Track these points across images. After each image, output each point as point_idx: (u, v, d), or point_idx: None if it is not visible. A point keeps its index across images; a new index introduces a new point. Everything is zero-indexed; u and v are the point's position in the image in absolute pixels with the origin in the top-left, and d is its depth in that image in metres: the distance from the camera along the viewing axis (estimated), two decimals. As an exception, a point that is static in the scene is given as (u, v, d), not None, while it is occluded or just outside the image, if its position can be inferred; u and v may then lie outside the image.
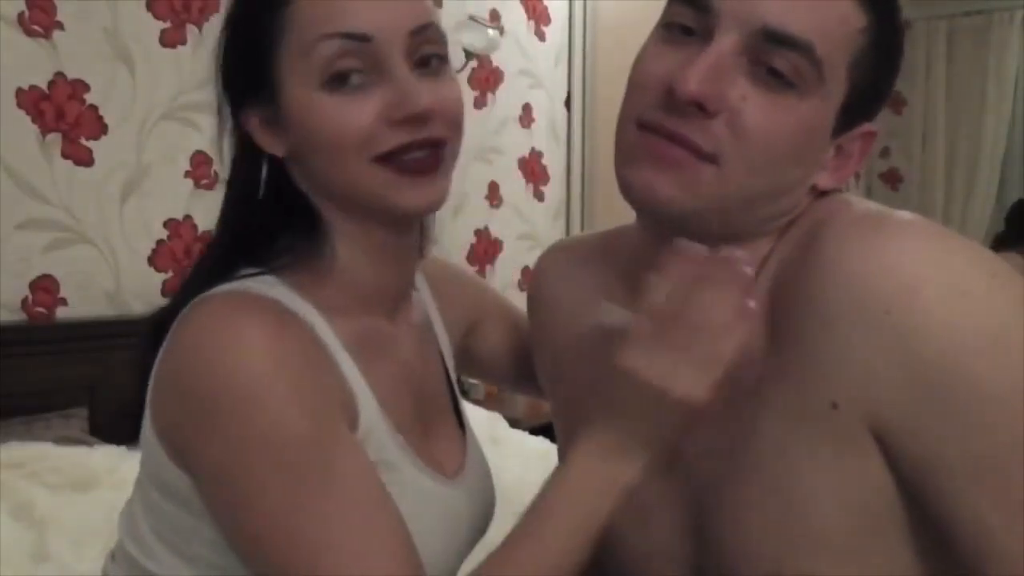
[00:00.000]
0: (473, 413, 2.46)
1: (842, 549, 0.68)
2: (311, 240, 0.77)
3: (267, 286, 0.74)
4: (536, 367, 0.94)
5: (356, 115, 0.72)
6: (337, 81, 0.72)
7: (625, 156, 0.71)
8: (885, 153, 5.29)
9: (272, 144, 0.77)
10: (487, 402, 2.81)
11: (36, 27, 2.05)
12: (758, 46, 0.66)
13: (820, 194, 0.73)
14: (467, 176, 3.17)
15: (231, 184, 0.81)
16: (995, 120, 4.88)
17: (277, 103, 0.75)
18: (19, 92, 2.02)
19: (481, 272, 3.24)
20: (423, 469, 0.79)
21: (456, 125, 0.79)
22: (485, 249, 3.25)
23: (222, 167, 0.81)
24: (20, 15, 2.03)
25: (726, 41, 0.66)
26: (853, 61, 0.68)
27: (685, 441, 0.75)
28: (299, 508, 0.66)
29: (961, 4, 4.91)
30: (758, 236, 0.73)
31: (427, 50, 0.75)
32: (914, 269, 0.63)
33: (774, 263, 0.72)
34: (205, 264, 0.79)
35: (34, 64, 2.04)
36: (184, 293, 0.76)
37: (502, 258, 3.31)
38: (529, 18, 3.38)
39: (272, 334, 0.68)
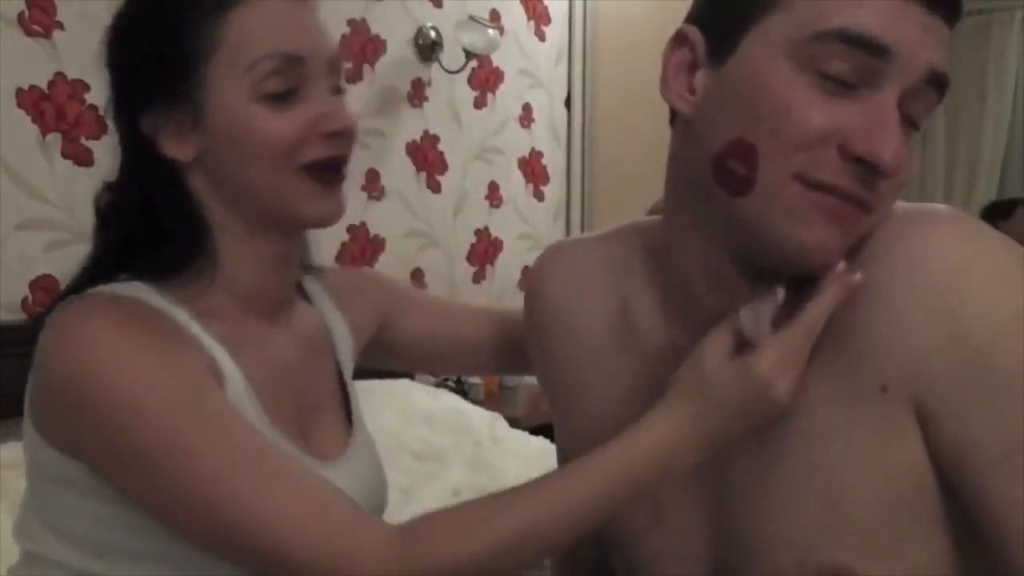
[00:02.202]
0: (473, 413, 2.47)
1: (876, 538, 0.69)
2: (195, 247, 0.81)
3: (132, 289, 0.78)
4: (538, 378, 0.93)
5: (287, 125, 0.79)
6: (273, 96, 0.78)
7: (791, 215, 0.65)
8: (885, 153, 5.27)
9: (177, 149, 0.80)
10: (487, 402, 2.81)
11: (36, 27, 2.05)
12: (916, 90, 0.65)
13: None
14: (467, 176, 3.17)
15: (121, 187, 0.83)
16: (995, 120, 4.88)
17: (195, 109, 0.79)
18: (19, 92, 2.02)
19: (481, 272, 3.24)
20: (294, 449, 0.82)
21: (352, 145, 0.85)
22: (485, 249, 3.25)
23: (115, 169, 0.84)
24: (20, 15, 2.03)
25: (894, 92, 0.64)
26: None
27: None
28: (190, 457, 0.70)
29: (961, 4, 4.90)
30: None
31: (336, 80, 0.84)
32: (963, 255, 0.65)
33: None
34: (93, 270, 0.82)
35: (34, 64, 2.04)
36: (63, 295, 0.80)
37: (502, 258, 3.31)
38: (529, 18, 3.37)
39: (123, 323, 0.73)
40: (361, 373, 1.04)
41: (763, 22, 0.66)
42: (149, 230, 0.81)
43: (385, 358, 1.09)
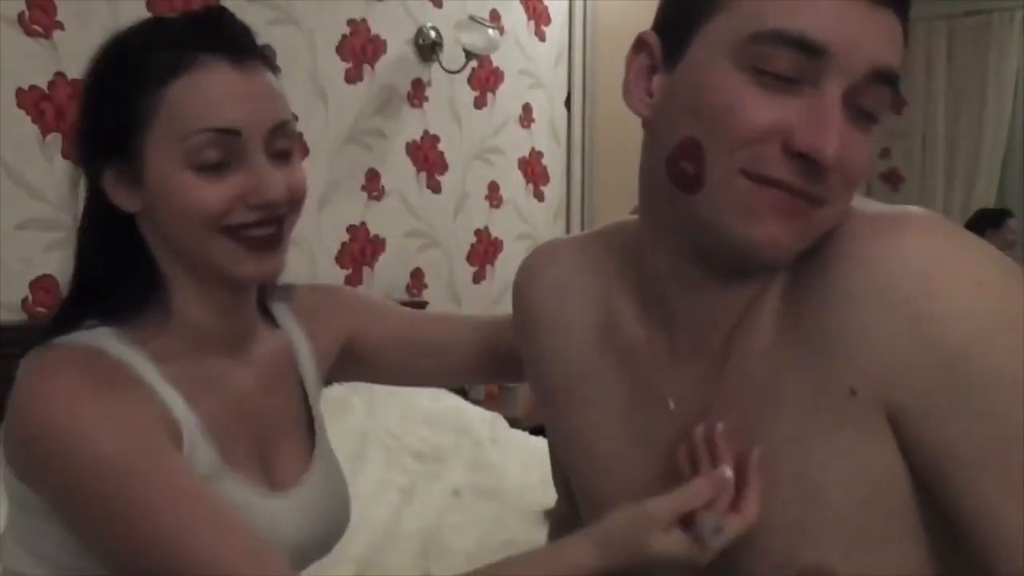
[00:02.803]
0: (473, 413, 2.47)
1: (854, 540, 0.69)
2: (147, 292, 0.87)
3: (97, 338, 0.83)
4: (528, 381, 0.93)
5: (216, 195, 0.82)
6: (204, 166, 0.82)
7: (739, 210, 0.66)
8: (885, 153, 5.29)
9: (125, 201, 0.85)
10: (487, 402, 2.81)
11: (36, 27, 2.05)
12: (860, 87, 0.65)
13: None
14: (467, 176, 3.17)
15: (84, 232, 0.88)
16: (995, 120, 4.89)
17: (136, 167, 0.83)
18: (19, 92, 2.02)
19: (481, 272, 3.25)
20: (244, 484, 0.87)
21: (299, 205, 0.88)
22: (485, 249, 3.25)
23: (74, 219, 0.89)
24: (20, 15, 2.03)
25: (836, 88, 0.64)
26: None
27: (690, 431, 0.75)
28: (138, 516, 0.75)
29: (961, 4, 4.91)
30: None
31: (281, 145, 0.86)
32: (932, 259, 0.64)
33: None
34: (60, 312, 0.88)
35: (34, 64, 2.04)
36: (43, 337, 0.85)
37: (502, 258, 3.31)
38: (529, 18, 3.38)
39: (83, 377, 0.78)
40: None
41: (708, 24, 0.68)
42: (109, 273, 0.86)
43: (357, 371, 1.11)
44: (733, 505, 0.70)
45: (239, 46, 0.84)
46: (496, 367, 1.07)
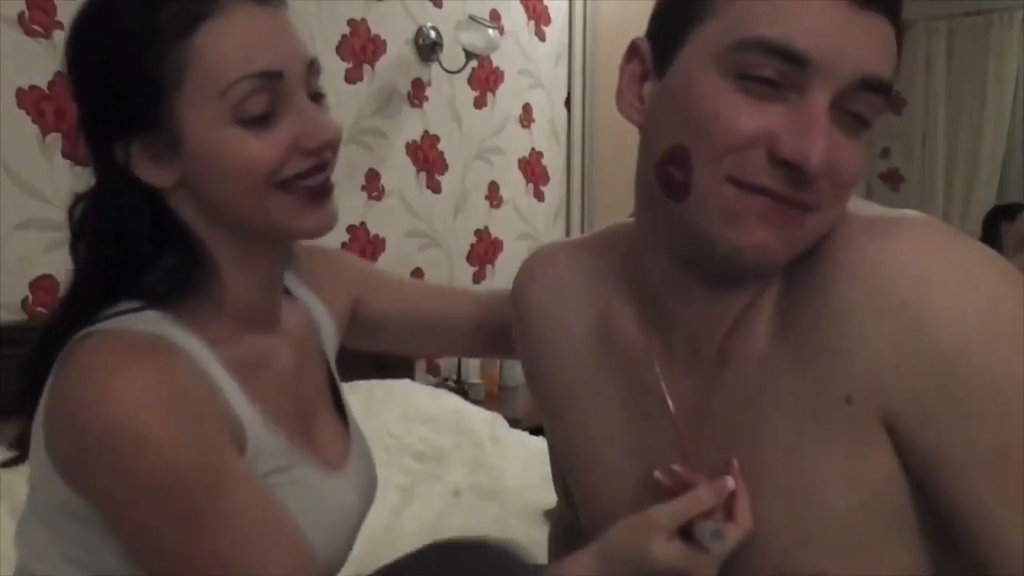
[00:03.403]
0: (473, 414, 2.47)
1: (852, 546, 0.69)
2: (193, 271, 0.79)
3: (151, 322, 0.76)
4: (528, 384, 0.93)
5: (270, 147, 0.76)
6: (251, 119, 0.75)
7: (725, 217, 0.66)
8: (885, 153, 5.29)
9: (156, 176, 0.77)
10: (487, 402, 2.81)
11: (36, 27, 2.05)
12: (849, 94, 0.65)
13: None
14: (467, 176, 3.17)
15: (100, 216, 0.80)
16: (995, 120, 4.88)
17: (170, 136, 0.75)
18: (19, 92, 2.01)
19: (481, 272, 3.25)
20: (313, 465, 0.85)
21: (337, 151, 0.83)
22: (485, 249, 3.25)
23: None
24: (20, 15, 2.02)
25: (823, 96, 0.64)
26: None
27: (693, 443, 0.75)
28: (192, 545, 0.72)
29: (961, 4, 4.91)
30: None
31: (315, 85, 0.81)
32: (927, 264, 0.64)
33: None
34: (83, 294, 0.80)
35: (34, 64, 2.04)
36: (68, 322, 0.77)
37: (502, 258, 3.31)
38: (529, 18, 3.37)
39: (157, 374, 0.71)
40: (362, 373, 1.05)
41: (696, 32, 0.68)
42: (131, 257, 0.79)
43: (361, 337, 1.07)
44: (728, 514, 0.70)
45: None
46: (497, 342, 1.05)
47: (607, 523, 0.80)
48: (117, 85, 0.76)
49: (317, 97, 0.81)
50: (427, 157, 3.02)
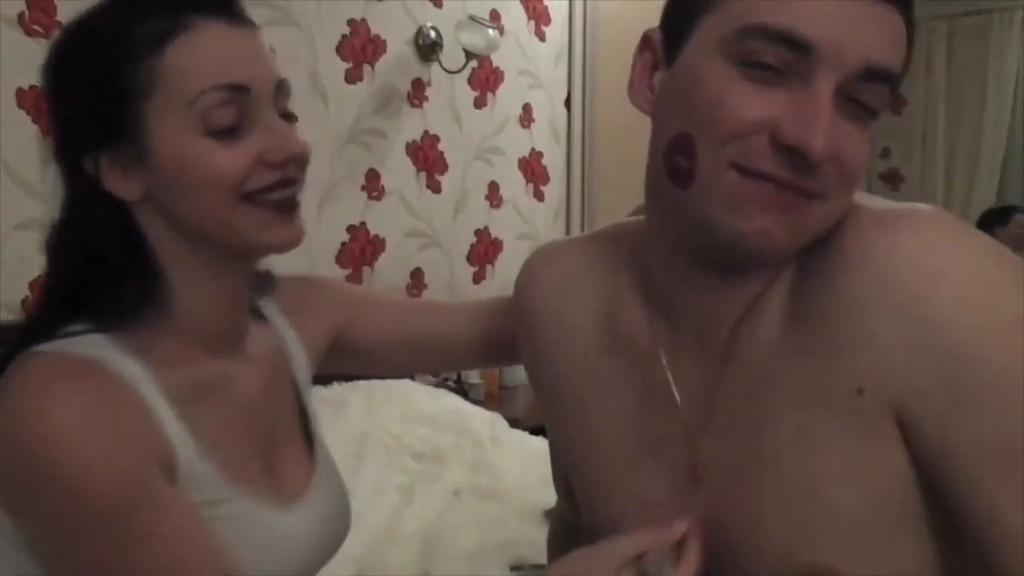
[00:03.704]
0: (473, 414, 2.47)
1: (858, 540, 0.68)
2: (145, 292, 0.79)
3: (92, 346, 0.75)
4: (530, 383, 0.93)
5: (236, 158, 0.77)
6: (218, 130, 0.76)
7: (729, 204, 0.66)
8: (885, 153, 5.29)
9: (124, 188, 0.78)
10: (487, 402, 2.81)
11: (36, 27, 2.05)
12: (853, 82, 0.65)
13: None
14: (467, 176, 3.17)
15: (65, 227, 0.81)
16: (995, 120, 4.88)
17: (138, 146, 0.77)
18: (19, 92, 2.02)
19: (481, 272, 3.24)
20: (256, 499, 0.82)
21: (305, 167, 0.84)
22: (485, 249, 3.25)
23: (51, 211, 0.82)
24: (20, 15, 2.03)
25: (827, 83, 0.64)
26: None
27: (699, 435, 0.75)
28: (112, 571, 0.71)
29: (961, 4, 4.91)
30: None
31: (284, 104, 0.82)
32: (940, 258, 0.64)
33: (793, 257, 0.72)
34: (42, 314, 0.80)
35: (34, 64, 2.02)
36: (20, 343, 0.77)
37: (502, 258, 3.31)
38: (529, 18, 3.37)
39: (84, 399, 0.71)
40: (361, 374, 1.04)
41: (704, 20, 0.68)
42: (98, 272, 0.79)
43: (347, 363, 1.06)
44: (679, 553, 0.71)
45: (230, 4, 0.80)
46: (497, 353, 1.05)
47: (612, 520, 0.80)
48: (89, 96, 0.78)
49: (288, 117, 0.83)
50: (427, 157, 3.02)
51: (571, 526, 1.00)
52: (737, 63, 0.65)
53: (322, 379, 1.23)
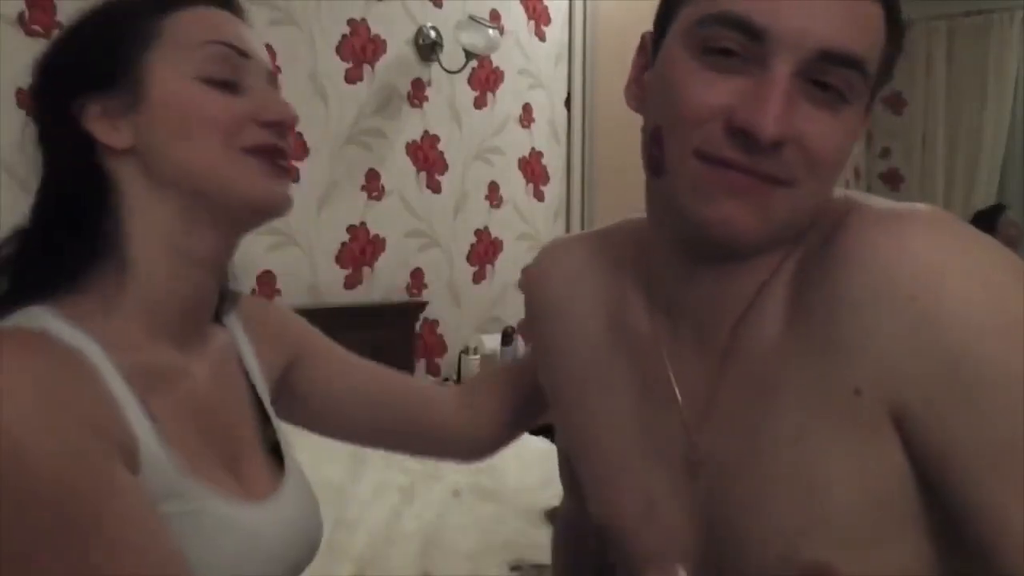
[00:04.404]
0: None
1: (857, 539, 0.69)
2: (104, 254, 0.75)
3: (35, 318, 0.70)
4: (539, 374, 0.94)
5: (230, 107, 0.77)
6: (214, 80, 0.77)
7: (694, 191, 0.67)
8: (885, 153, 5.29)
9: (113, 136, 0.77)
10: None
11: (36, 27, 2.05)
12: (813, 66, 0.65)
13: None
14: (467, 176, 3.17)
15: (46, 185, 0.81)
16: (995, 120, 4.89)
17: (133, 92, 0.76)
18: (19, 92, 2.02)
19: (481, 272, 3.25)
20: (217, 493, 0.75)
21: (291, 140, 0.83)
22: (485, 249, 3.25)
23: (29, 168, 0.84)
24: (20, 15, 2.03)
25: (784, 68, 0.64)
26: (880, 61, 0.69)
27: (698, 431, 0.75)
28: (61, 561, 0.63)
29: (961, 4, 4.92)
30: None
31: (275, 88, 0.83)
32: (938, 258, 0.64)
33: (794, 255, 0.72)
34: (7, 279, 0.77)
35: (34, 64, 2.04)
36: None
37: (502, 258, 3.31)
38: (529, 18, 3.38)
39: (34, 375, 0.63)
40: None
41: (677, 16, 0.70)
42: (59, 236, 0.77)
43: (297, 409, 0.98)
44: None
45: (232, 1, 0.83)
46: (410, 438, 1.02)
47: (614, 513, 0.81)
48: (94, 40, 0.79)
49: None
50: (427, 157, 3.03)
51: (576, 527, 1.00)
52: (699, 53, 0.67)
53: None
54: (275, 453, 0.88)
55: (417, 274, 3.02)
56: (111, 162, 0.77)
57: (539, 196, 3.47)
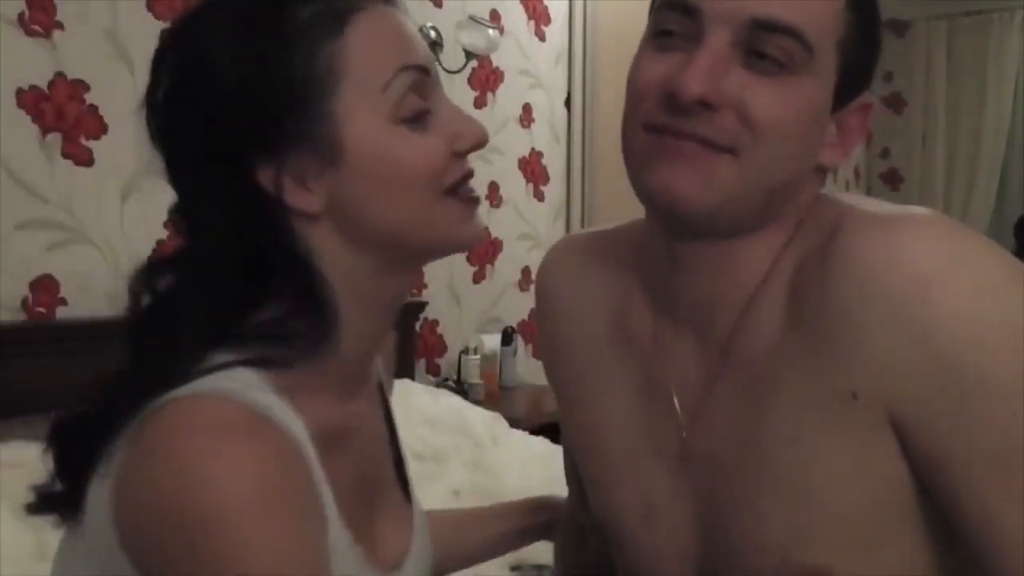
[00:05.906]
0: (473, 414, 2.47)
1: (855, 540, 0.69)
2: (319, 321, 0.67)
3: (246, 387, 0.64)
4: (545, 373, 0.94)
5: (434, 148, 0.69)
6: (410, 117, 0.68)
7: (637, 161, 0.71)
8: (885, 153, 5.29)
9: (307, 199, 0.67)
10: (487, 402, 2.80)
11: (36, 27, 2.05)
12: (749, 37, 0.67)
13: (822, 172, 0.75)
14: (467, 176, 3.17)
15: (216, 251, 0.68)
16: (995, 120, 4.89)
17: (325, 149, 0.66)
18: (19, 92, 2.02)
19: (481, 272, 3.24)
20: (366, 564, 0.72)
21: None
22: (485, 249, 3.25)
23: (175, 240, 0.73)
24: (20, 15, 2.02)
25: (716, 38, 0.67)
26: (840, 39, 0.69)
27: (695, 431, 0.75)
28: None
29: (961, 4, 4.92)
30: (771, 226, 0.73)
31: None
32: (931, 263, 0.64)
33: (792, 255, 0.72)
34: (176, 340, 0.66)
35: (34, 64, 2.04)
36: (148, 377, 0.64)
37: (502, 258, 3.31)
38: (529, 18, 3.38)
39: (260, 464, 0.59)
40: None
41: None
42: (250, 294, 0.68)
43: None
44: None
45: None
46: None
47: (614, 511, 0.81)
48: (251, 97, 0.65)
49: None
50: (427, 157, 3.02)
51: (580, 526, 1.00)
52: (652, 36, 0.72)
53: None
54: (404, 488, 0.85)
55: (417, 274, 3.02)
56: (298, 221, 0.68)
57: (539, 196, 3.47)
